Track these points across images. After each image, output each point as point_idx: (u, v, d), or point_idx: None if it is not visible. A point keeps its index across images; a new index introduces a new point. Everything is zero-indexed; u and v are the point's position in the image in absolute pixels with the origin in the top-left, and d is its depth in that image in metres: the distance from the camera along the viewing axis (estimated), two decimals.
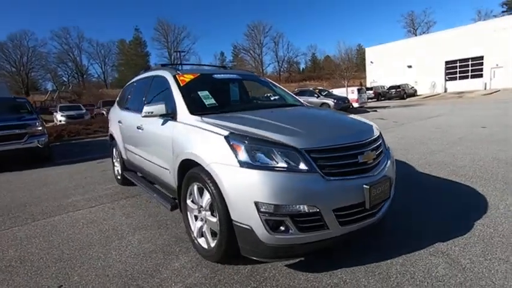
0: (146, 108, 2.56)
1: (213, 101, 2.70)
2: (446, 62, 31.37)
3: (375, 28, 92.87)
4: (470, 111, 12.66)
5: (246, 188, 1.76)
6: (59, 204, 3.77)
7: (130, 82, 4.36)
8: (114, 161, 4.66)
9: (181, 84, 2.79)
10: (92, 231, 2.89)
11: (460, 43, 29.94)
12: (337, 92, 19.44)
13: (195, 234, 2.30)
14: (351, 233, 1.91)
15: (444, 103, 19.72)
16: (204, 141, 2.09)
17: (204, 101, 2.67)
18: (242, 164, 1.79)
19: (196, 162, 2.13)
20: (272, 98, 3.41)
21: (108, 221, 3.10)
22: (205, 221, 2.18)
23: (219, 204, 1.91)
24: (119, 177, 4.46)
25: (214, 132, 2.04)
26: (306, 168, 1.79)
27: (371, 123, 2.48)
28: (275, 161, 1.79)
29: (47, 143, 7.05)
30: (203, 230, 2.20)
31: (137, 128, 3.23)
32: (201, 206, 2.19)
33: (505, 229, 2.39)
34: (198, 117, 2.35)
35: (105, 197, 3.98)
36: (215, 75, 3.21)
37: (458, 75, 31.24)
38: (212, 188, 1.95)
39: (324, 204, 1.77)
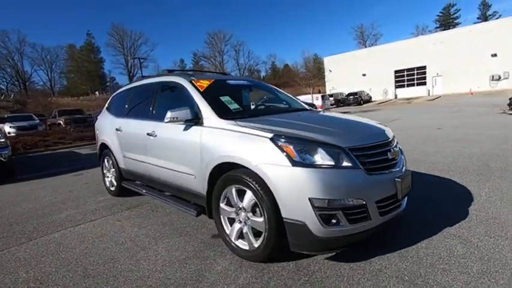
0: (171, 114, 2.53)
1: (236, 105, 2.77)
2: (395, 71, 34.58)
3: (330, 39, 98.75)
4: (422, 114, 14.14)
5: (300, 186, 1.87)
6: (52, 220, 3.47)
7: (124, 89, 4.20)
8: (105, 171, 4.41)
9: (201, 90, 2.81)
10: (107, 244, 2.73)
11: (407, 54, 33.28)
12: (303, 98, 20.25)
13: (233, 237, 2.32)
14: (386, 223, 2.11)
15: (397, 108, 21.67)
16: (247, 143, 2.15)
17: (229, 105, 2.73)
18: (294, 164, 1.90)
19: (236, 165, 2.18)
20: (283, 103, 3.54)
21: (121, 234, 2.96)
22: (245, 223, 2.22)
23: (267, 203, 1.99)
24: (113, 188, 4.23)
25: (257, 135, 2.12)
26: (351, 164, 1.96)
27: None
28: (323, 159, 1.93)
29: (10, 156, 6.37)
30: (243, 231, 2.24)
31: (147, 134, 3.14)
32: (240, 208, 2.24)
33: (494, 212, 2.79)
34: (230, 121, 2.40)
35: (102, 209, 3.75)
36: (229, 81, 3.28)
37: (406, 83, 34.57)
38: (258, 188, 2.02)
39: (368, 197, 1.95)
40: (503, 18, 28.72)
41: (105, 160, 4.34)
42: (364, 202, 1.93)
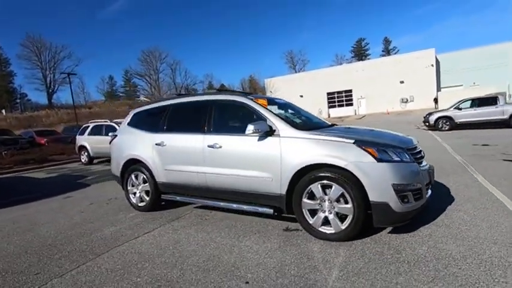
0: (253, 127, 3.01)
1: (298, 119, 3.38)
2: (328, 93, 39.17)
3: (264, 61, 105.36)
4: None
5: (384, 176, 2.58)
6: (101, 238, 3.41)
7: (155, 106, 4.36)
8: (130, 188, 4.39)
9: (266, 107, 3.35)
10: (192, 248, 2.94)
11: (336, 79, 38.20)
12: None
13: (317, 225, 2.87)
14: (425, 203, 2.95)
15: None
16: (333, 147, 2.78)
17: (294, 119, 3.33)
18: (379, 160, 2.61)
19: (321, 165, 2.79)
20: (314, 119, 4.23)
21: (195, 239, 3.17)
22: (330, 211, 2.81)
23: (356, 192, 2.64)
24: (142, 204, 4.26)
25: (340, 141, 2.78)
26: (409, 159, 2.77)
27: None
28: (395, 156, 2.70)
29: None
30: (330, 218, 2.82)
31: (208, 146, 3.47)
32: (325, 200, 2.82)
33: (469, 195, 3.94)
34: (305, 132, 3.02)
35: (146, 223, 3.80)
36: (276, 100, 3.87)
37: (337, 103, 39.29)
38: (347, 180, 2.66)
39: (421, 182, 2.78)
40: (410, 53, 35.57)
41: (132, 176, 4.34)
42: (420, 186, 2.74)
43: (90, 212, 4.52)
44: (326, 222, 2.86)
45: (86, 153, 11.12)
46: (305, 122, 3.76)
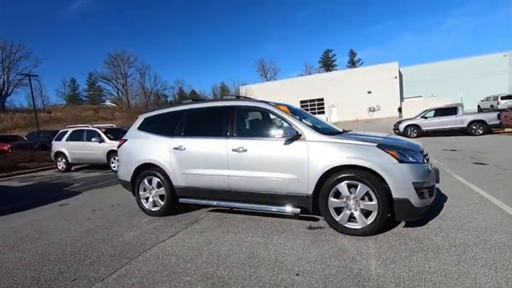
0: (283, 132, 3.28)
1: (318, 125, 3.64)
2: (301, 101, 40.46)
3: (237, 69, 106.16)
4: None
5: (405, 175, 2.92)
6: (125, 243, 3.37)
7: (171, 110, 4.39)
8: (142, 192, 4.35)
9: (289, 113, 3.59)
10: (226, 247, 3.05)
11: (309, 88, 39.73)
12: None
13: (343, 222, 3.13)
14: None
15: None
16: (358, 150, 3.07)
17: (317, 125, 3.59)
18: (400, 161, 2.95)
19: (347, 166, 3.07)
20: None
21: (224, 239, 3.27)
22: (356, 208, 3.09)
23: (381, 190, 2.95)
24: (156, 208, 4.25)
25: (365, 145, 3.09)
26: (423, 161, 3.15)
27: None
28: (411, 158, 3.06)
29: None
30: (355, 215, 3.10)
31: (232, 150, 3.61)
32: (350, 198, 3.10)
33: (457, 193, 4.46)
34: (330, 137, 3.30)
35: (165, 227, 3.80)
36: (292, 107, 4.11)
37: (309, 111, 40.61)
38: (372, 180, 2.97)
39: (433, 181, 3.17)
40: (376, 65, 38.10)
41: (145, 181, 4.31)
42: (433, 183, 3.13)
43: (98, 218, 4.39)
44: (352, 218, 3.14)
45: (63, 160, 10.50)
46: (323, 128, 4.05)
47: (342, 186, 3.13)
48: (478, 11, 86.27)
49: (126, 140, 4.62)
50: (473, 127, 13.45)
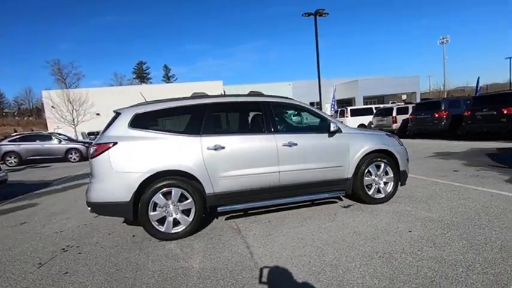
0: (334, 127, 3.78)
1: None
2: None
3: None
4: None
5: (404, 154, 4.25)
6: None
7: (184, 105, 3.57)
8: (154, 212, 3.22)
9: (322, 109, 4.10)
10: (317, 244, 3.13)
11: (128, 98, 37.14)
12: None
13: (374, 194, 4.05)
14: None
15: None
16: (377, 139, 4.11)
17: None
18: (401, 144, 4.27)
19: (378, 151, 4.05)
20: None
21: (302, 239, 3.27)
22: (380, 182, 4.10)
23: (394, 166, 4.14)
24: (178, 228, 3.32)
25: (380, 134, 4.21)
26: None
27: None
28: (401, 143, 4.46)
29: None
30: (380, 187, 4.08)
31: (283, 145, 3.61)
32: (377, 175, 4.08)
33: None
34: (353, 129, 4.17)
35: (212, 249, 3.14)
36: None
37: None
38: (391, 159, 4.11)
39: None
40: (203, 82, 40.62)
41: (159, 196, 3.20)
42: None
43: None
44: (378, 191, 4.12)
45: None
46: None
47: (373, 167, 4.05)
48: (262, 47, 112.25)
49: (115, 143, 3.23)
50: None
